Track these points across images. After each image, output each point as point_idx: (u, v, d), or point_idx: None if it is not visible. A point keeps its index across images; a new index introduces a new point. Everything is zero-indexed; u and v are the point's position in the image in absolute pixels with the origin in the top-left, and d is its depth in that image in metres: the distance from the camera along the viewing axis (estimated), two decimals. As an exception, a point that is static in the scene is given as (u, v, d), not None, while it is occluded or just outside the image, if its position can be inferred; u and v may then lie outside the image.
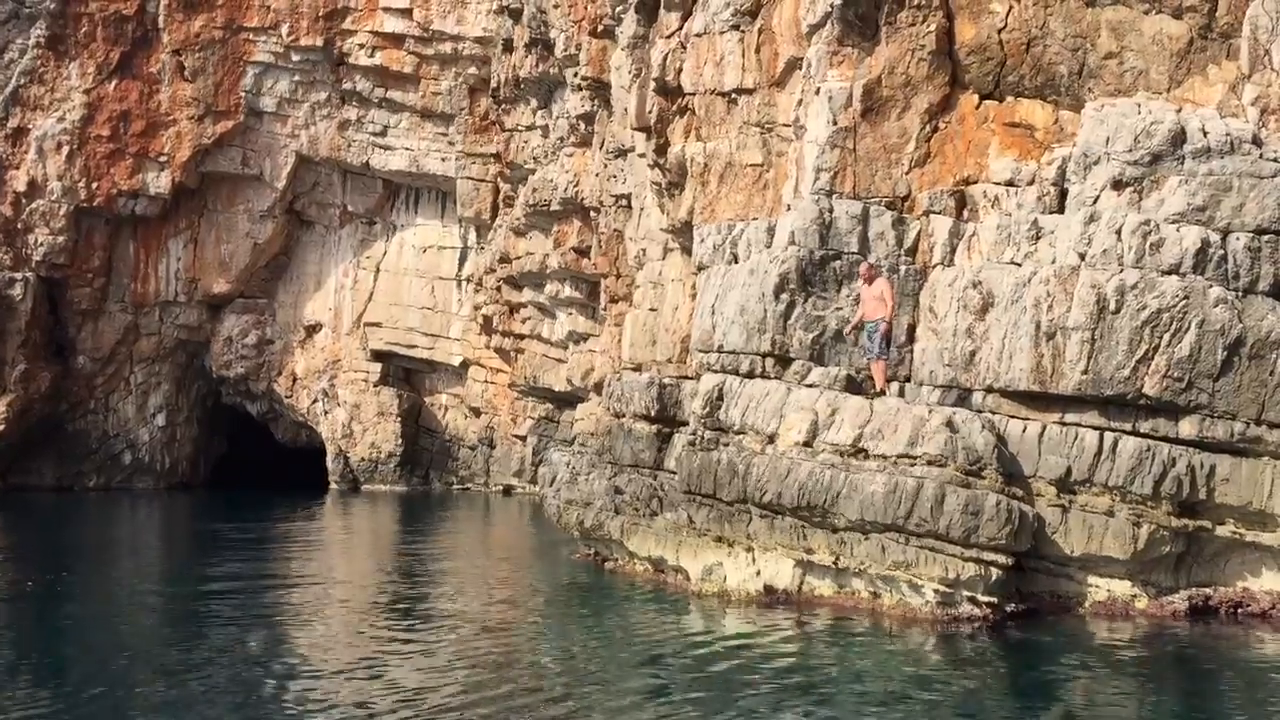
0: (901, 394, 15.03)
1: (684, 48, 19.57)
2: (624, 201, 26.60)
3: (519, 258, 34.19)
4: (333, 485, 39.49)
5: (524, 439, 37.78)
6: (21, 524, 27.82)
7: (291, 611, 14.45)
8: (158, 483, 39.14)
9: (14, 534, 25.55)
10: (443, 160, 38.33)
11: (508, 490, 38.86)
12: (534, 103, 33.73)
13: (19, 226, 36.53)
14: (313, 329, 40.64)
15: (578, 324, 32.92)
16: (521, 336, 36.11)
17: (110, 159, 36.88)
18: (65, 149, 36.47)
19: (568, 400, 34.44)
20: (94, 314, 38.12)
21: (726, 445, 15.39)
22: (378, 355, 40.38)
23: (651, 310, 22.28)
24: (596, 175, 29.28)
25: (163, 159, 37.17)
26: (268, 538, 24.08)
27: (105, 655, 11.64)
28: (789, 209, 16.71)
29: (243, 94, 37.69)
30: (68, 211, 36.67)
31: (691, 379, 19.01)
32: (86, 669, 10.91)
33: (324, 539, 25.54)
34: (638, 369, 21.57)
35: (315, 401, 40.21)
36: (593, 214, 29.94)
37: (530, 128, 34.48)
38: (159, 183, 37.26)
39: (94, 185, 36.80)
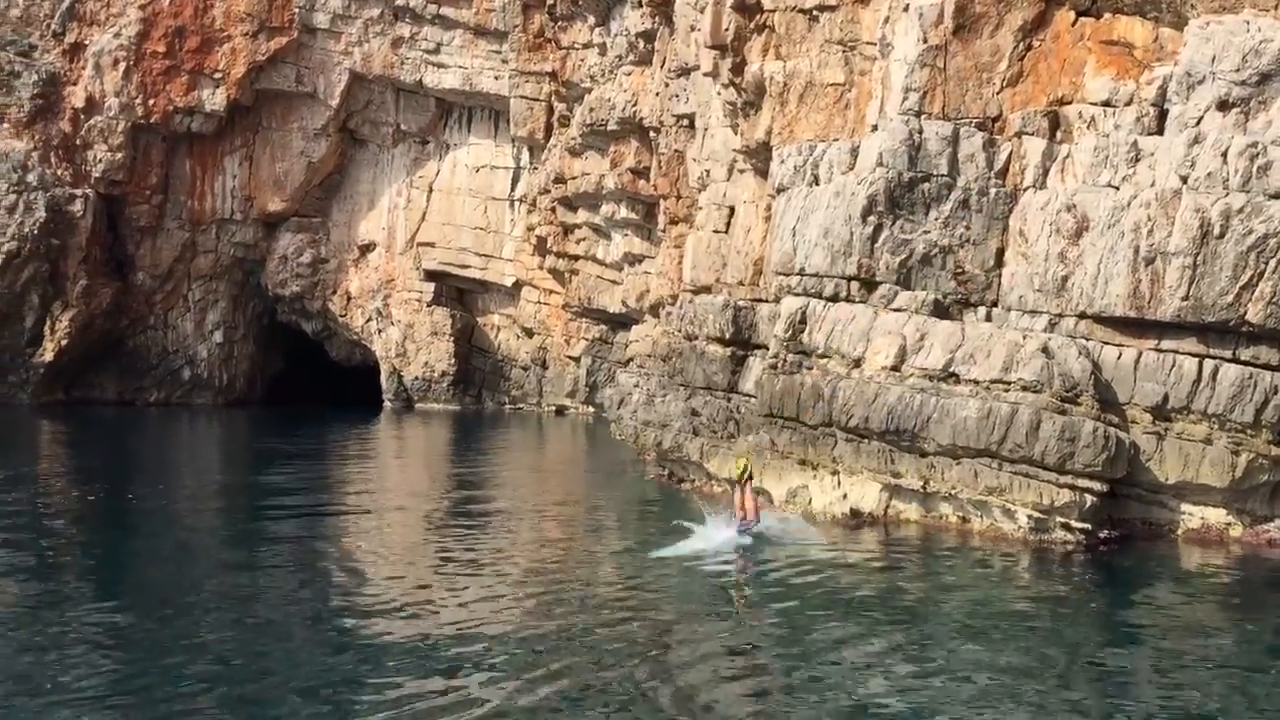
0: (988, 319, 14.89)
1: (763, -38, 19.11)
2: (686, 121, 26.23)
3: (574, 178, 33.93)
4: (387, 404, 39.90)
5: (577, 360, 37.92)
6: (97, 438, 28.34)
7: (369, 520, 14.66)
8: (215, 399, 39.69)
9: (97, 448, 26.03)
10: (496, 79, 37.96)
11: (560, 410, 39.13)
12: (591, 20, 33.19)
13: (78, 143, 36.67)
14: (366, 248, 40.73)
15: (633, 245, 32.75)
16: (576, 258, 36.00)
17: (166, 75, 36.78)
18: (122, 65, 36.38)
19: (621, 322, 34.44)
20: (152, 231, 38.37)
21: (810, 369, 15.36)
22: (431, 275, 40.47)
23: (716, 232, 22.07)
24: (657, 95, 28.85)
25: (218, 76, 37.03)
26: (327, 452, 24.44)
27: (200, 555, 11.97)
28: (875, 129, 16.43)
29: (296, 10, 37.34)
30: (125, 128, 36.71)
31: (766, 302, 18.90)
32: (190, 568, 11.21)
33: (387, 455, 25.87)
34: (700, 290, 21.46)
35: (369, 320, 40.45)
36: (651, 134, 29.57)
37: (587, 45, 33.97)
38: (214, 100, 37.17)
39: (150, 102, 36.77)
